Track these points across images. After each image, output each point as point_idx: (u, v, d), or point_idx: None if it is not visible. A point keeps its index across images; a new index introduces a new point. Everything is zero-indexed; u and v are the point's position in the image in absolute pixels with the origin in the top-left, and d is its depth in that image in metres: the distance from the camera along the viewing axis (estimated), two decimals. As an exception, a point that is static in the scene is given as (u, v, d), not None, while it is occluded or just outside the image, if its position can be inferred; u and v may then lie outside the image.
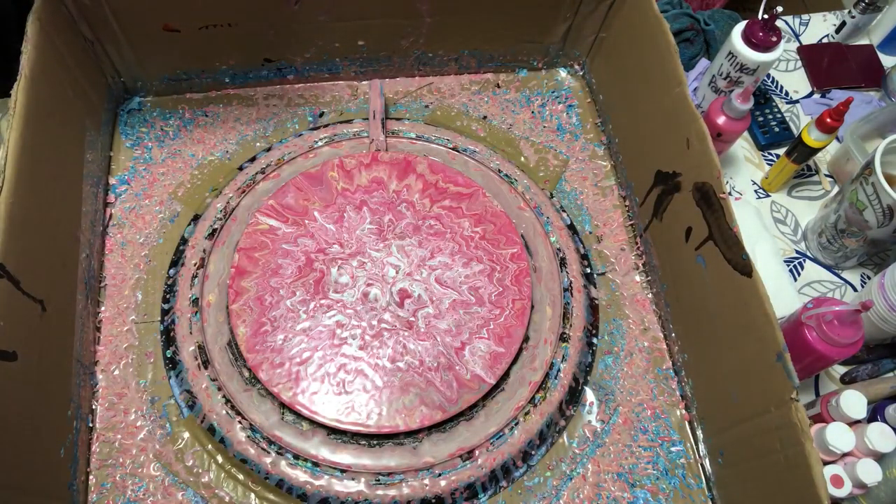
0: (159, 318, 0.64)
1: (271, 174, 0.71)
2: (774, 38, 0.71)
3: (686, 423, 0.64)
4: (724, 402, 0.58)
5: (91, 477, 0.57)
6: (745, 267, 0.53)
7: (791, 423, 0.48)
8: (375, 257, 0.65)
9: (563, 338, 0.65)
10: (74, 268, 0.60)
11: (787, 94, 0.88)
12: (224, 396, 0.60)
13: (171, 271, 0.67)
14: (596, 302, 0.69)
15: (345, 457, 0.58)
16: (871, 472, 0.56)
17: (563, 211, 0.74)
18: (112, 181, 0.71)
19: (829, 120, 0.69)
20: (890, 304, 0.63)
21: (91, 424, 0.59)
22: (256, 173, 0.72)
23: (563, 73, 0.84)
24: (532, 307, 0.65)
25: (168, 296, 0.65)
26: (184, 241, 0.68)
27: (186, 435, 0.59)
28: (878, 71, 0.89)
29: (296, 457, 0.58)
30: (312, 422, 0.58)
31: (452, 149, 0.75)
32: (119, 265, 0.67)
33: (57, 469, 0.53)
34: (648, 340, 0.68)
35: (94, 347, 0.63)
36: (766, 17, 0.71)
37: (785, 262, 0.75)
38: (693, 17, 0.84)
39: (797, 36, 0.93)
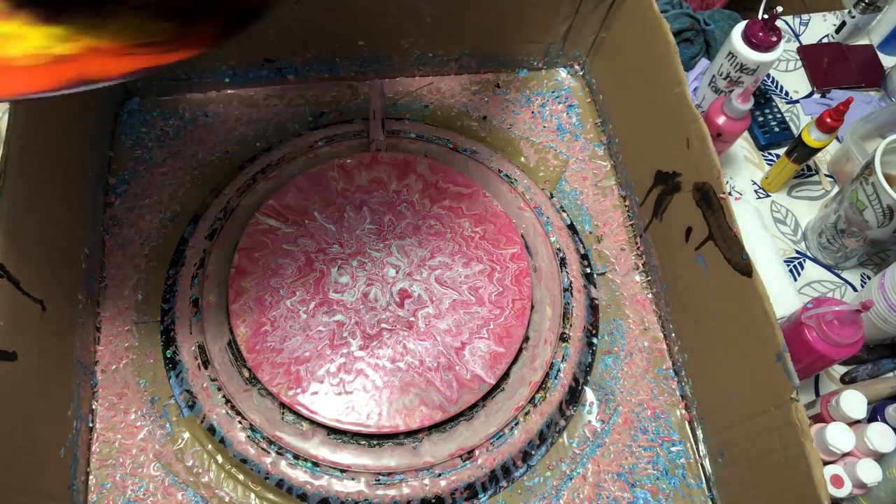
0: (159, 318, 0.64)
1: (271, 174, 0.71)
2: (774, 38, 0.71)
3: (686, 423, 0.64)
4: (724, 402, 0.58)
5: (91, 477, 0.57)
6: (745, 267, 0.53)
7: (791, 423, 0.48)
8: (375, 257, 0.65)
9: (563, 338, 0.65)
10: (74, 268, 0.60)
11: (787, 94, 0.88)
12: (224, 396, 0.60)
13: (171, 271, 0.67)
14: (596, 302, 0.69)
15: (345, 457, 0.58)
16: (871, 472, 0.56)
17: (563, 211, 0.74)
18: (112, 181, 0.71)
19: (829, 120, 0.69)
20: (890, 304, 0.63)
21: (91, 424, 0.59)
22: (256, 173, 0.72)
23: (563, 73, 0.84)
24: (532, 307, 0.65)
25: (168, 296, 0.65)
26: (184, 241, 0.68)
27: (186, 435, 0.59)
28: (878, 71, 0.89)
29: (296, 457, 0.58)
30: (312, 422, 0.58)
31: (452, 149, 0.75)
32: (119, 265, 0.67)
33: (57, 469, 0.53)
34: (648, 340, 0.68)
35: (94, 347, 0.62)
36: (766, 17, 0.71)
37: (785, 262, 0.75)
38: (693, 17, 0.84)
39: (797, 36, 0.93)
